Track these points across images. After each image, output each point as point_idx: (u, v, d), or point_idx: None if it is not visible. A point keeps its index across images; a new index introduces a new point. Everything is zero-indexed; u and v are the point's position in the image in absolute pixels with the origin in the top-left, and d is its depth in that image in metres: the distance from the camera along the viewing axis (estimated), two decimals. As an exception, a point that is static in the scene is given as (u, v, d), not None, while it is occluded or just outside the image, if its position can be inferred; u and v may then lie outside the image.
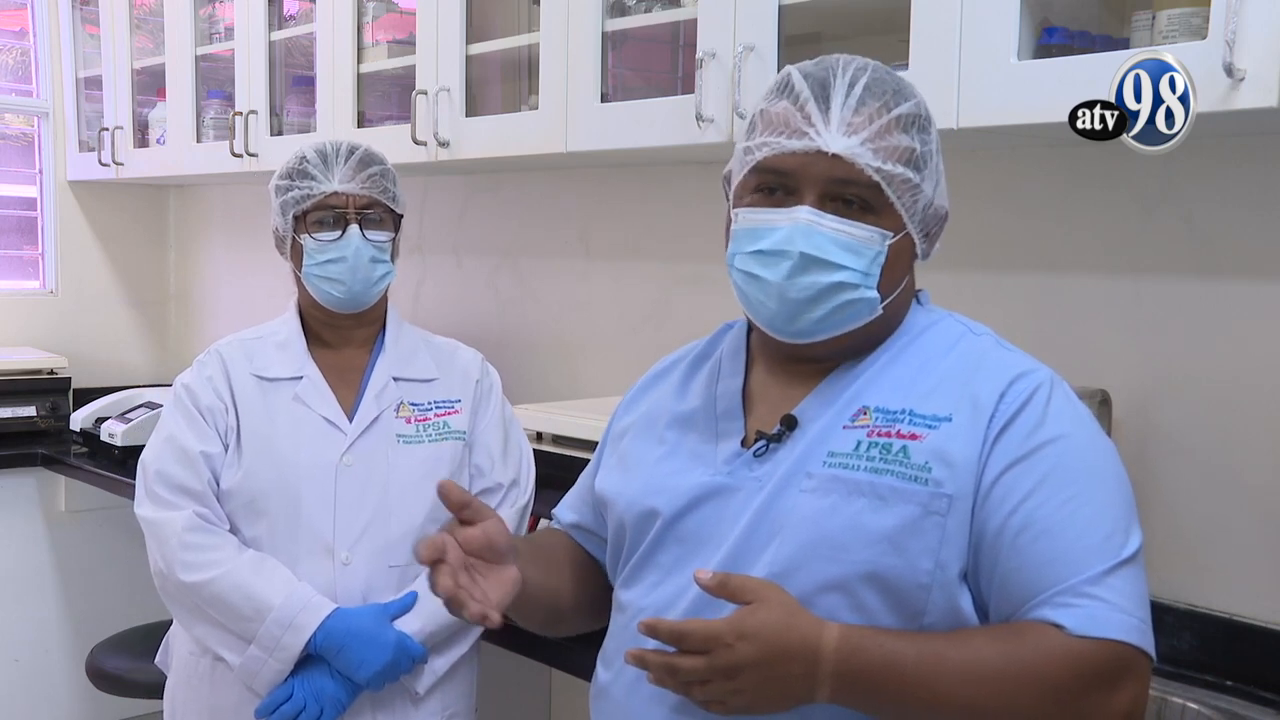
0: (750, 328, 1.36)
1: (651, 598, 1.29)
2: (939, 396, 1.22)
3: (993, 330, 1.31)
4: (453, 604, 1.20)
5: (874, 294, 1.23)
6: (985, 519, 1.17)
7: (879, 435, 1.21)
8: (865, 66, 1.24)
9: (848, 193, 1.21)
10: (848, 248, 1.21)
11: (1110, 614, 1.12)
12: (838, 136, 1.19)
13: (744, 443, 1.30)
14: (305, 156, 1.95)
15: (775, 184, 1.23)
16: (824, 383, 1.28)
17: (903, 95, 1.23)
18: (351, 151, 1.96)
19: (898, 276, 1.26)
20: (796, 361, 1.30)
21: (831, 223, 1.20)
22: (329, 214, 1.94)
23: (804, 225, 1.20)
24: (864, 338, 1.27)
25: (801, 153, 1.20)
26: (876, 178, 1.20)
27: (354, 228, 1.93)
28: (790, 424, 1.27)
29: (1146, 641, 1.14)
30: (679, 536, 1.29)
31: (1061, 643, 1.11)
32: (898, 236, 1.23)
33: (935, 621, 1.17)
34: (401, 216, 2.01)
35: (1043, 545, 1.15)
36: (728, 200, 1.31)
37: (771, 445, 1.27)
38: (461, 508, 1.24)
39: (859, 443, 1.22)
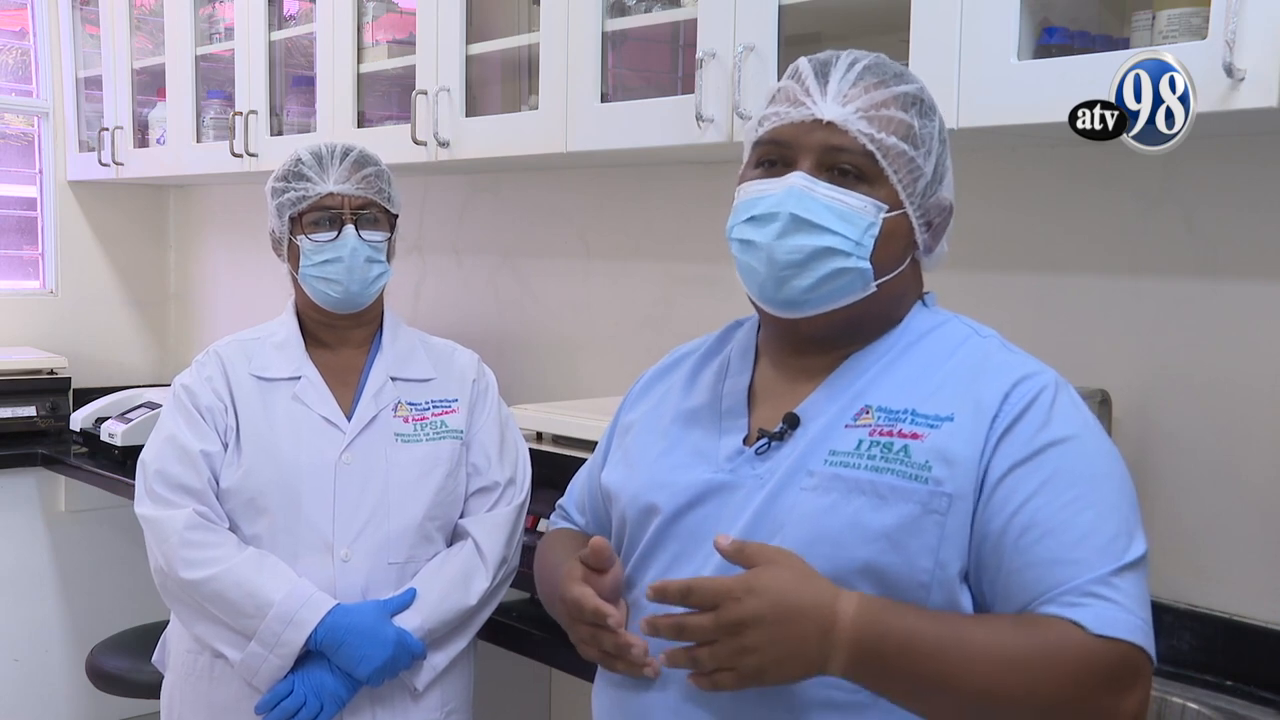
0: (759, 325, 1.36)
1: (652, 595, 1.29)
2: (942, 397, 1.22)
3: (998, 333, 1.31)
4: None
5: (866, 265, 1.23)
6: (988, 519, 1.17)
7: (881, 434, 1.21)
8: (870, 55, 1.27)
9: (841, 161, 1.23)
10: (839, 214, 1.22)
11: (1121, 615, 1.12)
12: (833, 105, 1.23)
13: (746, 440, 1.30)
14: (300, 158, 1.96)
15: (775, 155, 1.26)
16: (827, 381, 1.28)
17: (904, 79, 1.26)
18: (346, 153, 1.96)
19: (893, 254, 1.26)
20: (801, 356, 1.31)
21: (824, 189, 1.22)
22: (325, 215, 1.94)
23: (797, 189, 1.22)
24: (862, 322, 1.28)
25: (798, 122, 1.23)
26: (870, 145, 1.22)
27: (350, 228, 1.93)
28: (793, 422, 1.27)
29: (1151, 646, 1.14)
30: (678, 533, 1.29)
31: (1081, 638, 1.11)
32: (894, 213, 1.24)
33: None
34: (397, 216, 2.01)
35: (1047, 545, 1.14)
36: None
37: (773, 443, 1.27)
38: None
39: (860, 441, 1.22)
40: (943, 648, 1.11)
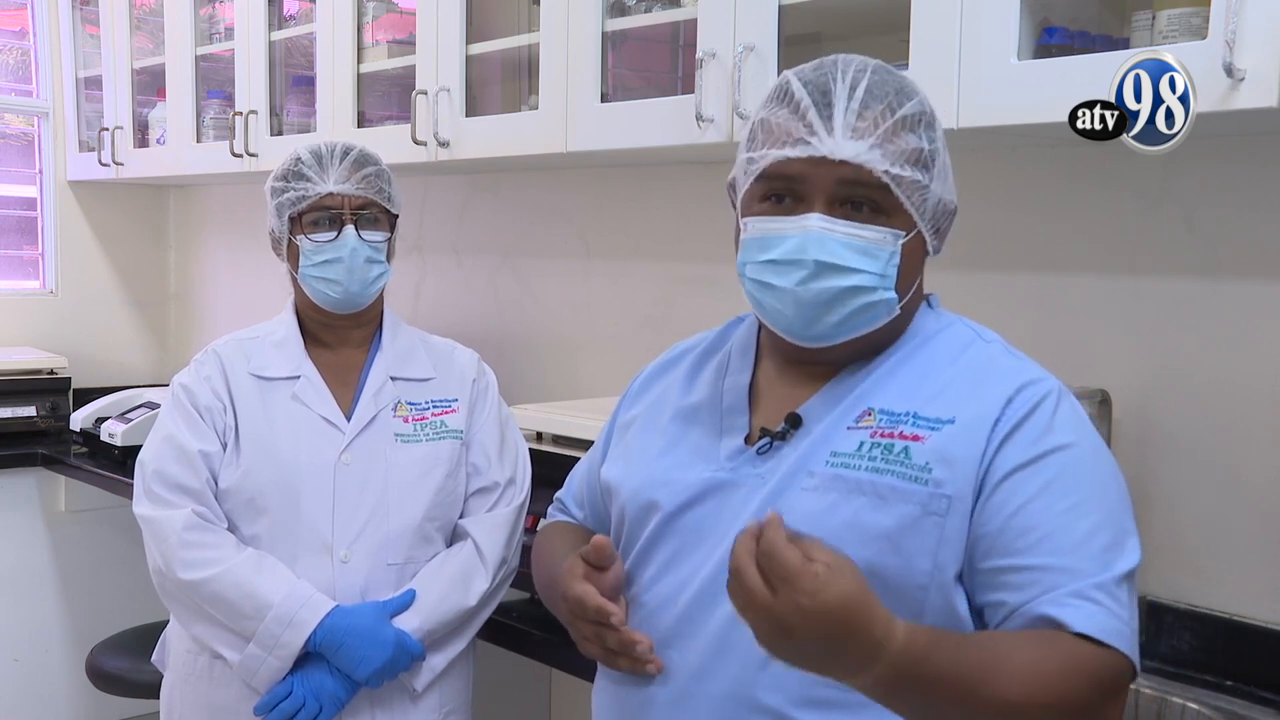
0: (761, 324, 1.36)
1: (651, 593, 1.29)
2: (944, 400, 1.22)
3: (1001, 336, 1.31)
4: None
5: (892, 295, 1.23)
6: (986, 520, 1.17)
7: (882, 436, 1.21)
8: (865, 68, 1.22)
9: (856, 195, 1.20)
10: (862, 251, 1.20)
11: (1115, 623, 1.12)
12: (844, 142, 1.18)
13: (748, 439, 1.30)
14: (300, 158, 1.95)
15: (783, 190, 1.22)
16: (830, 383, 1.28)
17: (906, 95, 1.22)
18: (346, 152, 1.96)
19: (912, 275, 1.26)
20: (805, 362, 1.30)
21: (843, 227, 1.20)
22: (324, 215, 1.93)
23: (816, 233, 1.19)
24: (875, 339, 1.27)
25: (808, 158, 1.19)
26: (886, 179, 1.19)
27: (349, 228, 1.93)
28: (795, 422, 1.27)
29: (1137, 659, 1.14)
30: (678, 530, 1.29)
31: (1089, 647, 1.10)
32: (909, 236, 1.23)
33: (932, 623, 1.16)
34: (397, 216, 2.01)
35: (1045, 548, 1.14)
36: (734, 208, 1.30)
37: (775, 443, 1.27)
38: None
39: (861, 443, 1.22)
40: (983, 673, 1.07)
